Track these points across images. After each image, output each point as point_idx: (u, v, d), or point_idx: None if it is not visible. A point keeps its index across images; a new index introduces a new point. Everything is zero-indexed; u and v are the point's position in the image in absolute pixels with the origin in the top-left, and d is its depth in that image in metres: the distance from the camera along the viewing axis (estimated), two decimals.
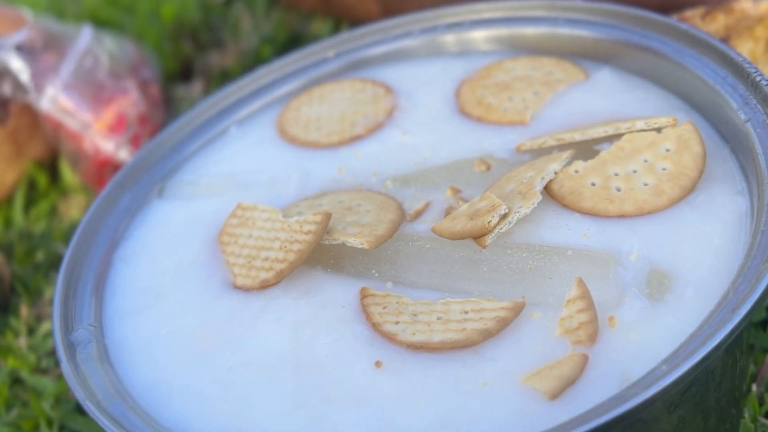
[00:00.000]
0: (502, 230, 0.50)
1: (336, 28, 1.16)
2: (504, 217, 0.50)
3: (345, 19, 1.07)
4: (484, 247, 0.50)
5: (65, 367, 0.48)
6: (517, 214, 0.50)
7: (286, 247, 0.52)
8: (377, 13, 0.96)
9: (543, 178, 0.52)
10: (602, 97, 0.62)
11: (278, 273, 0.51)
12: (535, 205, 0.50)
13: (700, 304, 0.44)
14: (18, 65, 0.89)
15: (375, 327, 0.47)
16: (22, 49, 0.89)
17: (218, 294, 0.53)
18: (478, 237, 0.50)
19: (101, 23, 1.29)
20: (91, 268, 0.58)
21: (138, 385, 0.49)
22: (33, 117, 1.01)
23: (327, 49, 0.73)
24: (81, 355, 0.49)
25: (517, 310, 0.46)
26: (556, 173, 0.53)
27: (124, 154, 0.92)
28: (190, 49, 1.26)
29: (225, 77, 1.20)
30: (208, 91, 1.16)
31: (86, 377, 0.48)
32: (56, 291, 0.54)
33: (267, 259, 0.53)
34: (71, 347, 0.50)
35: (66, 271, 0.56)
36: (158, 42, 1.26)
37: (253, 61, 1.20)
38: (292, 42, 1.21)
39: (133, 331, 0.53)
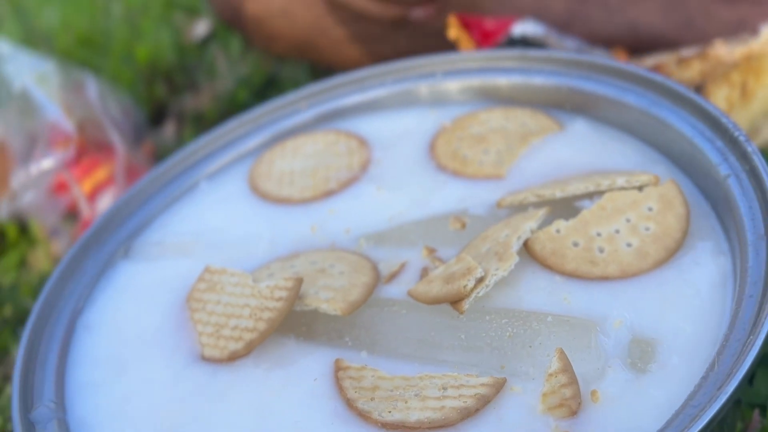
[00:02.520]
0: (480, 294, 0.48)
1: (313, 71, 1.15)
2: (480, 280, 0.48)
3: (320, 64, 1.06)
4: (462, 313, 0.48)
5: None
6: (494, 277, 0.48)
7: (256, 314, 0.50)
8: (356, 60, 0.95)
9: (519, 238, 0.51)
10: (578, 149, 0.61)
11: (248, 343, 0.49)
12: (512, 267, 0.49)
13: (685, 375, 0.42)
14: None
15: (349, 403, 0.45)
16: None
17: (185, 366, 0.51)
18: (454, 302, 0.48)
19: (74, 64, 1.27)
20: (54, 337, 0.55)
21: None
22: (4, 160, 0.98)
23: (300, 100, 0.72)
24: None
25: (498, 386, 0.44)
26: (532, 231, 0.52)
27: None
28: (164, 91, 1.25)
29: (199, 120, 1.18)
30: (180, 135, 1.14)
31: None
32: (16, 365, 0.51)
33: (236, 327, 0.50)
34: (30, 428, 0.47)
35: (27, 343, 0.53)
36: (132, 84, 1.24)
37: (228, 104, 1.19)
38: (268, 85, 1.20)
39: (96, 406, 0.50)
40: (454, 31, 0.78)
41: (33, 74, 0.95)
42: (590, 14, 0.81)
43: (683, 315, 0.45)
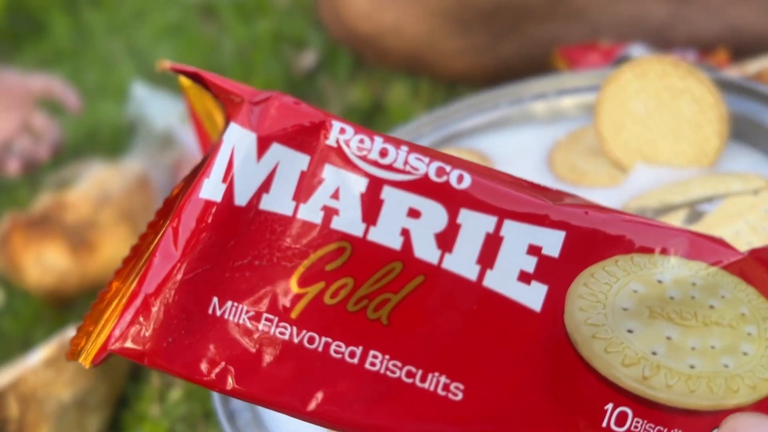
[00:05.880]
0: None
1: (416, 95, 1.23)
2: None
3: (428, 76, 1.13)
4: None
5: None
6: None
7: None
8: (462, 71, 1.02)
9: None
10: None
11: None
12: None
13: None
14: None
15: None
16: None
17: None
18: None
19: None
20: None
21: None
22: (147, 195, 1.11)
23: (424, 126, 0.80)
24: (240, 422, 0.56)
25: None
26: None
27: None
28: None
29: None
30: None
31: None
32: None
33: None
34: (231, 415, 0.57)
35: None
36: None
37: None
38: (375, 109, 1.29)
39: None
40: (560, 64, 0.84)
41: (175, 114, 1.08)
42: (691, 17, 0.85)
43: None
